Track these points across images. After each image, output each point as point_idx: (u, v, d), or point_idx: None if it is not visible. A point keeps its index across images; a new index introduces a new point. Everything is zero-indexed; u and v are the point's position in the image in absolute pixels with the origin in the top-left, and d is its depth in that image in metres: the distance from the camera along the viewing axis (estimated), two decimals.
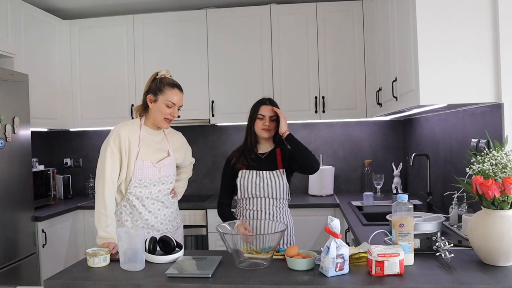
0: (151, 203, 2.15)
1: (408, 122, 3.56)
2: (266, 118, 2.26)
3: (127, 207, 2.14)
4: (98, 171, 2.07)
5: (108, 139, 2.11)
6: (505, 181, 1.46)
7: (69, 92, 3.72)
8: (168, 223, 2.22)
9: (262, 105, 2.30)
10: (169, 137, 2.28)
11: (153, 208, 2.15)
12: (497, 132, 1.94)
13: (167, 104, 2.10)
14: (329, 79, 3.46)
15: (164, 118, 2.12)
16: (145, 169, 2.10)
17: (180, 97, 2.14)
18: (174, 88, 2.12)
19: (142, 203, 2.13)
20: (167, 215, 2.21)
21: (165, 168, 2.18)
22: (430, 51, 1.95)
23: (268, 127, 2.26)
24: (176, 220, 2.31)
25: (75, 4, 3.58)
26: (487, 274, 1.44)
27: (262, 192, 2.24)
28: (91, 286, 1.49)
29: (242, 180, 2.26)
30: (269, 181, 2.23)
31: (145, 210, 2.13)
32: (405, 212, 1.58)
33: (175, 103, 2.11)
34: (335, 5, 3.47)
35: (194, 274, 1.52)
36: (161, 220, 2.18)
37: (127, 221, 2.14)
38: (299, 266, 1.54)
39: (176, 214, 2.31)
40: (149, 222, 2.14)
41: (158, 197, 2.16)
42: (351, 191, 3.76)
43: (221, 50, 3.55)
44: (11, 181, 2.79)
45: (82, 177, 4.01)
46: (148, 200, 2.14)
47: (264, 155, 2.31)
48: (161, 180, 2.17)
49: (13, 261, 2.76)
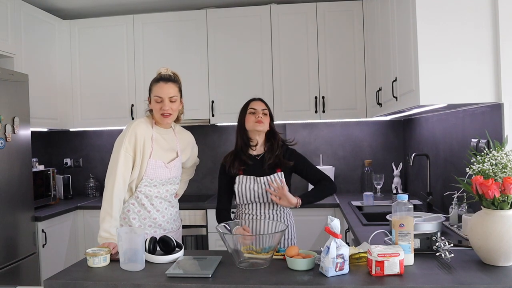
0: (159, 202, 2.16)
1: (408, 122, 3.56)
2: (258, 111, 2.18)
3: (136, 205, 2.13)
4: (110, 167, 2.05)
5: (123, 136, 2.07)
6: (505, 181, 1.46)
7: (69, 92, 3.72)
8: (173, 223, 2.25)
9: (252, 101, 2.25)
10: (179, 135, 2.27)
11: (161, 207, 2.17)
12: (497, 132, 1.94)
13: (155, 100, 2.09)
14: (329, 79, 3.46)
15: (160, 115, 2.10)
16: (157, 168, 2.11)
17: (166, 88, 2.07)
18: (158, 82, 2.10)
19: (151, 202, 2.14)
20: (172, 214, 2.25)
21: (175, 168, 2.19)
22: (430, 51, 1.95)
23: (261, 119, 2.17)
24: (179, 220, 2.35)
25: (75, 4, 3.58)
26: (487, 274, 1.44)
27: (261, 198, 2.18)
28: (91, 286, 1.49)
29: (240, 186, 2.19)
30: (268, 187, 2.15)
31: (154, 209, 2.15)
32: (405, 212, 1.58)
33: (162, 96, 2.07)
34: (335, 5, 3.47)
35: (194, 274, 1.52)
36: (167, 219, 2.21)
37: (135, 219, 2.13)
38: (299, 266, 1.54)
39: (178, 215, 2.35)
40: (157, 221, 2.16)
41: (166, 197, 2.19)
42: (351, 191, 3.76)
43: (221, 50, 3.55)
44: (11, 181, 2.79)
45: (82, 177, 4.01)
46: (157, 199, 2.15)
47: (259, 156, 2.24)
48: (170, 181, 2.18)
49: (13, 261, 2.76)
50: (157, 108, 2.09)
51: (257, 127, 2.18)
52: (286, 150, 2.26)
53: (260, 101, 2.25)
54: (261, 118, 2.18)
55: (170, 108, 2.09)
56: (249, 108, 2.21)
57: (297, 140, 3.82)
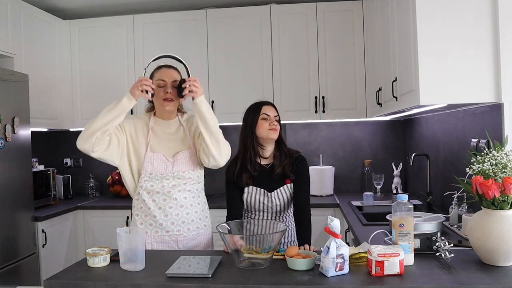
0: (162, 199, 2.01)
1: (408, 122, 3.56)
2: (271, 118, 2.07)
3: (139, 201, 2.06)
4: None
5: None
6: (505, 181, 1.46)
7: (69, 92, 3.72)
8: (182, 225, 2.03)
9: (263, 105, 2.10)
10: (187, 123, 2.13)
11: (163, 205, 2.01)
12: (497, 132, 1.94)
13: (158, 84, 2.04)
14: (329, 79, 3.46)
15: (163, 100, 2.03)
16: (155, 161, 2.02)
17: (168, 72, 2.07)
18: (160, 68, 2.10)
19: (152, 198, 2.02)
20: (180, 215, 2.02)
21: (180, 161, 2.04)
22: (430, 51, 1.95)
23: (275, 127, 2.05)
24: (196, 225, 2.07)
25: (75, 4, 3.58)
26: (487, 274, 1.44)
27: (269, 208, 2.13)
28: (91, 286, 1.49)
29: (249, 197, 2.10)
30: (277, 201, 2.09)
31: (155, 206, 2.01)
32: (405, 212, 1.58)
33: (165, 79, 2.05)
34: (335, 5, 3.47)
35: (194, 274, 1.52)
36: (171, 220, 2.01)
37: (138, 215, 2.06)
38: (299, 266, 1.54)
39: (197, 218, 2.08)
40: (157, 219, 2.01)
41: (170, 193, 2.01)
42: (351, 191, 3.76)
43: (221, 50, 3.55)
44: (11, 181, 2.78)
45: (82, 177, 4.01)
46: (159, 195, 2.01)
47: (269, 165, 2.12)
48: (176, 175, 2.03)
49: (13, 261, 2.76)
50: (160, 93, 2.03)
51: (271, 135, 2.06)
52: (295, 160, 2.12)
53: (272, 107, 2.12)
54: (275, 125, 2.06)
55: (173, 93, 2.04)
56: (262, 114, 2.07)
57: (297, 140, 3.86)
